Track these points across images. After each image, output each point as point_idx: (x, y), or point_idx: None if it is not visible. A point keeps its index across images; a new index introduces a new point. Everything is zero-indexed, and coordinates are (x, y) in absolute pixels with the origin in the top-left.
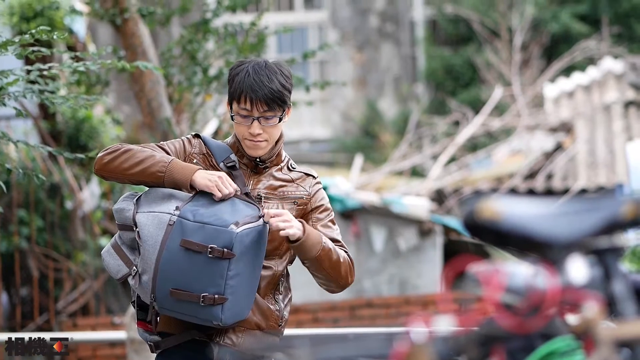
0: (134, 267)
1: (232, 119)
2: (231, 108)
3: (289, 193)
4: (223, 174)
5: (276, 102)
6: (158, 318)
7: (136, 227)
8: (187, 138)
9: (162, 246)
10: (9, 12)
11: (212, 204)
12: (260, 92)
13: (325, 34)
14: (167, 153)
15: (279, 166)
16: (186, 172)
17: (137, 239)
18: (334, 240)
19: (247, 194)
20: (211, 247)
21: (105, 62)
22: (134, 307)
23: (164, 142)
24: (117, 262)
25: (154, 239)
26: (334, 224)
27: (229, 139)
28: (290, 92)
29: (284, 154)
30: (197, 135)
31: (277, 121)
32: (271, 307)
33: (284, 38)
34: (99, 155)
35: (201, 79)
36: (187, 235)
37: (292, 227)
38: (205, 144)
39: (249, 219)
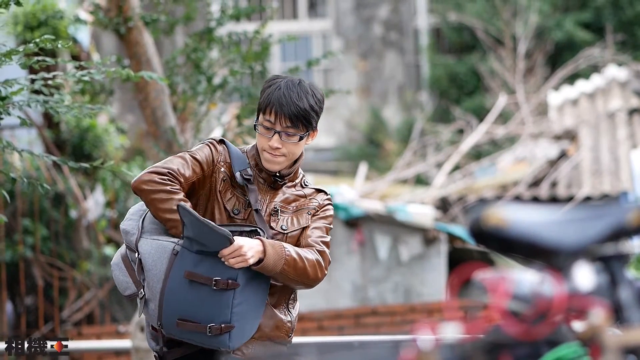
0: (142, 290)
1: (255, 129)
2: (257, 119)
3: (302, 206)
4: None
5: (300, 120)
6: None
7: (138, 254)
8: (213, 144)
9: (166, 276)
10: (13, 22)
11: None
12: (287, 107)
13: (329, 42)
14: (199, 162)
15: (294, 183)
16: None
17: (138, 266)
18: (311, 244)
19: (257, 211)
20: (215, 280)
21: (110, 72)
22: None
23: (194, 150)
24: (126, 279)
25: (158, 268)
26: (325, 231)
27: (249, 148)
28: (318, 115)
29: (300, 171)
30: (221, 141)
31: (298, 139)
32: (283, 318)
33: (288, 47)
34: (148, 173)
35: (205, 87)
36: (191, 267)
37: (246, 260)
38: (228, 151)
39: None
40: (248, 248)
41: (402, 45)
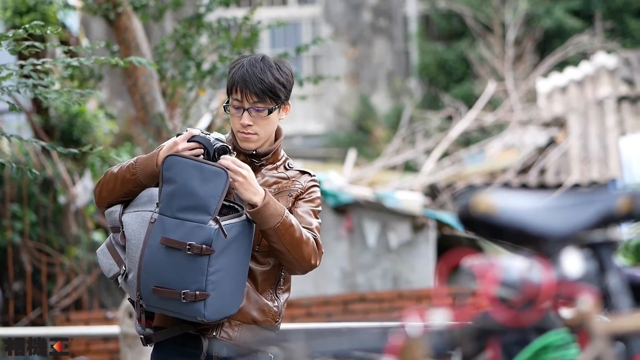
0: (124, 267)
1: (226, 111)
2: (228, 101)
3: (284, 188)
4: (176, 138)
5: (267, 94)
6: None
7: (122, 227)
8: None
9: (144, 244)
10: (2, 7)
11: (189, 194)
12: (251, 83)
13: (319, 28)
14: None
15: (275, 165)
16: (152, 158)
17: (120, 238)
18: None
19: None
20: (189, 244)
21: (99, 59)
22: (132, 304)
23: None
24: (109, 262)
25: (137, 237)
26: (314, 215)
27: (227, 136)
28: (285, 88)
29: (281, 152)
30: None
31: (267, 113)
32: (269, 303)
33: (277, 33)
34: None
35: (194, 73)
36: (167, 233)
37: (245, 176)
38: None
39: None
40: (251, 178)
41: (391, 32)
